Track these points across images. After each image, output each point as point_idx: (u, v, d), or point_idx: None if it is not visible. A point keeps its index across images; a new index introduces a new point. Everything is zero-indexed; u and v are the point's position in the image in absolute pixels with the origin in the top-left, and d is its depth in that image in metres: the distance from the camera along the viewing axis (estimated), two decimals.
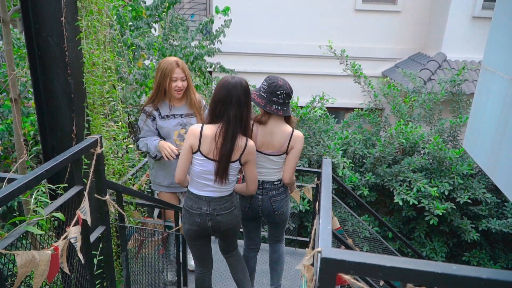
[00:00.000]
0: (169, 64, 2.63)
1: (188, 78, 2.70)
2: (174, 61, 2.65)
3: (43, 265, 1.34)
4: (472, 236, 4.51)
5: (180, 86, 2.67)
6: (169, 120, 2.77)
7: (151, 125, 2.77)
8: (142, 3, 5.54)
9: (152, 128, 2.77)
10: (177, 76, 2.65)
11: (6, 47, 2.69)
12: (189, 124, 2.73)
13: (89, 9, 2.34)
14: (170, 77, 2.64)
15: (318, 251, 0.88)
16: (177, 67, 2.64)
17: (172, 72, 2.63)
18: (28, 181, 1.38)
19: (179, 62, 2.66)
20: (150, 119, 2.76)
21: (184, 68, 2.67)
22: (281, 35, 8.03)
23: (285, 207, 2.65)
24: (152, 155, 2.76)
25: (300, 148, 2.48)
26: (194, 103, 2.79)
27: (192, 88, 2.78)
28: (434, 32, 7.73)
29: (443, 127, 5.33)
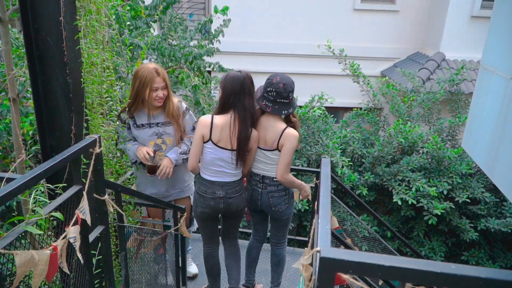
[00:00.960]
0: (148, 72, 2.48)
1: (168, 86, 2.58)
2: (154, 68, 2.50)
3: (42, 264, 1.34)
4: (471, 236, 4.51)
5: (161, 95, 2.54)
6: (144, 129, 2.68)
7: (127, 133, 2.71)
8: (140, 3, 5.53)
9: (129, 136, 2.73)
10: (158, 85, 2.51)
11: (5, 46, 2.69)
12: (166, 134, 2.68)
13: (88, 9, 2.34)
14: (150, 86, 2.49)
15: (317, 251, 0.88)
16: (158, 76, 2.49)
17: (152, 82, 2.49)
18: (27, 180, 1.38)
19: (159, 70, 2.51)
20: (126, 127, 2.70)
21: (165, 76, 2.54)
22: (279, 35, 8.03)
23: (284, 205, 2.66)
24: (132, 160, 2.72)
25: (291, 146, 2.46)
26: (171, 111, 2.64)
27: (170, 95, 2.65)
28: (433, 32, 7.73)
29: (442, 127, 5.33)
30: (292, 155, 2.51)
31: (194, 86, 5.12)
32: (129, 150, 2.64)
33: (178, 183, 2.90)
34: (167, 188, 2.87)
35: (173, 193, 2.91)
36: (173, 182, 2.85)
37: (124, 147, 2.67)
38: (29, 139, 4.26)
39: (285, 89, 2.40)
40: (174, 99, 2.67)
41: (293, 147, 2.48)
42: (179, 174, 2.87)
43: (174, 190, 2.90)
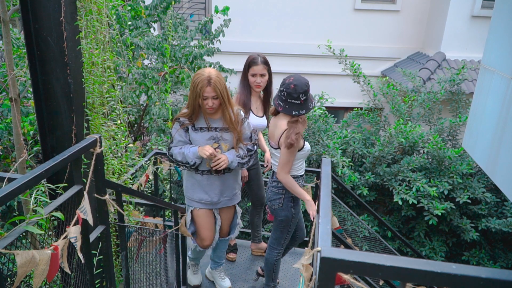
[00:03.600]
0: (200, 81, 2.42)
1: (222, 95, 2.46)
2: (206, 78, 2.42)
3: (42, 264, 1.34)
4: (471, 236, 4.51)
5: (211, 105, 2.47)
6: (202, 132, 2.61)
7: (184, 135, 2.63)
8: (141, 3, 5.54)
9: (185, 138, 2.63)
10: (208, 95, 2.45)
11: (6, 46, 2.69)
12: (223, 140, 2.64)
13: (89, 9, 2.34)
14: (201, 96, 2.45)
15: (318, 251, 0.88)
16: (208, 85, 2.42)
17: (202, 91, 2.44)
18: (28, 180, 1.38)
19: (211, 79, 2.42)
20: (183, 129, 2.62)
21: (216, 85, 2.42)
22: (280, 35, 8.03)
23: (278, 204, 2.69)
24: (191, 162, 2.59)
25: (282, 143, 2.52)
26: (229, 119, 2.57)
27: (228, 103, 2.53)
28: (434, 31, 7.73)
29: (443, 127, 5.33)
30: (289, 155, 2.50)
31: None
32: (188, 152, 2.57)
33: (228, 190, 2.80)
34: (218, 195, 2.77)
35: (222, 201, 2.82)
36: (223, 188, 2.77)
37: (179, 151, 2.60)
38: (30, 139, 4.26)
39: (295, 90, 2.44)
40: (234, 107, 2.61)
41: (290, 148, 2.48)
42: (230, 180, 2.79)
43: (223, 198, 2.81)
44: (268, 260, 2.90)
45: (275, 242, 2.84)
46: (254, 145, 2.73)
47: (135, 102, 5.15)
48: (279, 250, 2.85)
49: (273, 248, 2.86)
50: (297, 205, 2.75)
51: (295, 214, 2.75)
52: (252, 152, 2.70)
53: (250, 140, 2.71)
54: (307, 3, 7.85)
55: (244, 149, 2.67)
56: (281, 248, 2.85)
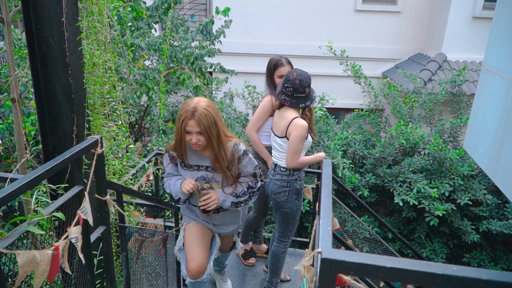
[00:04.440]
0: (184, 112, 2.08)
1: (208, 130, 2.08)
2: (191, 109, 2.06)
3: (43, 264, 1.34)
4: (472, 238, 4.50)
5: (195, 141, 2.11)
6: (192, 171, 2.29)
7: (174, 168, 2.36)
8: (142, 4, 5.55)
9: (174, 171, 2.37)
10: (191, 129, 2.09)
11: (8, 47, 2.70)
12: (215, 181, 2.29)
13: (90, 10, 2.35)
14: (183, 128, 2.12)
15: (318, 252, 0.88)
16: (192, 118, 2.05)
17: (185, 124, 2.09)
18: (29, 181, 1.38)
19: (196, 112, 2.05)
20: (173, 163, 2.35)
21: (201, 119, 2.05)
22: (281, 36, 8.04)
23: (283, 197, 2.75)
24: (175, 197, 2.31)
25: (298, 134, 2.56)
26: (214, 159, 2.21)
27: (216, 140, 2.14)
28: (435, 33, 7.73)
29: (444, 128, 5.32)
30: (299, 143, 2.58)
31: (196, 87, 5.13)
32: (174, 185, 2.28)
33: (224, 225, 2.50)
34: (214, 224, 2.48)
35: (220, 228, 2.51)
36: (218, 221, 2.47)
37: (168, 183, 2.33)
38: (31, 139, 4.27)
39: (301, 84, 2.54)
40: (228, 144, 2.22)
41: (299, 136, 2.56)
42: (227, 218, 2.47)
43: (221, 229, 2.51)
44: (275, 253, 2.95)
45: (282, 235, 2.90)
46: (258, 182, 2.37)
47: (136, 103, 5.15)
48: (286, 242, 2.92)
49: (280, 241, 2.92)
50: (300, 197, 2.81)
51: (299, 206, 2.82)
52: (254, 189, 2.35)
53: (254, 177, 2.35)
54: (308, 4, 7.86)
55: (244, 186, 2.32)
56: (288, 241, 2.92)
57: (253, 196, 2.36)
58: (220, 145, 2.18)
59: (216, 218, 2.42)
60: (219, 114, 2.17)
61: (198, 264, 2.32)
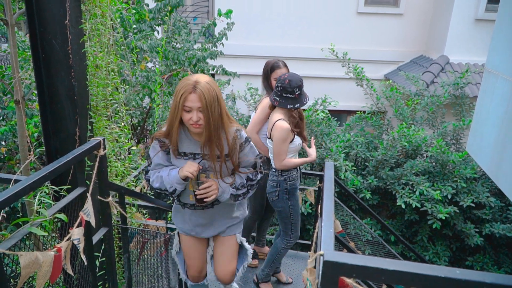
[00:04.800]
0: (183, 85, 1.83)
1: (209, 107, 1.83)
2: (194, 82, 1.82)
3: (46, 266, 1.35)
4: (475, 241, 4.48)
5: (195, 120, 1.84)
6: (185, 159, 2.02)
7: (165, 158, 2.06)
8: (145, 6, 5.57)
9: (166, 161, 2.07)
10: (192, 105, 1.82)
11: (11, 49, 2.71)
12: (211, 171, 2.01)
13: (93, 12, 2.36)
14: (182, 106, 1.84)
15: (321, 254, 0.88)
16: (193, 92, 1.81)
17: (184, 100, 1.82)
18: (32, 182, 1.39)
19: (198, 85, 1.82)
20: (163, 151, 2.04)
21: (204, 93, 1.81)
22: (283, 38, 8.05)
23: (274, 196, 2.83)
24: (170, 189, 1.99)
25: (278, 137, 2.60)
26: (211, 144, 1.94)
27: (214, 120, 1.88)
28: (437, 35, 7.72)
29: (446, 130, 5.31)
30: (281, 145, 2.62)
31: None
32: (168, 175, 1.99)
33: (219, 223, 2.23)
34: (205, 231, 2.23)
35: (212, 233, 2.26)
36: (211, 223, 2.21)
37: (158, 175, 2.03)
38: (34, 141, 4.28)
39: (290, 84, 2.56)
40: (230, 129, 1.98)
41: (279, 138, 2.60)
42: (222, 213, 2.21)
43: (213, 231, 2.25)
44: (275, 245, 3.03)
45: (284, 234, 2.97)
46: (258, 174, 2.13)
47: (139, 105, 5.16)
48: (288, 240, 2.96)
49: (283, 238, 2.98)
50: (293, 196, 2.85)
51: (292, 205, 2.86)
52: (253, 182, 2.11)
53: (254, 168, 2.12)
54: (310, 7, 7.87)
55: (243, 177, 2.09)
56: (289, 239, 2.96)
57: (251, 190, 2.12)
58: (221, 127, 1.94)
59: (207, 214, 2.16)
60: (221, 93, 1.94)
61: (197, 270, 2.31)
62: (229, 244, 2.28)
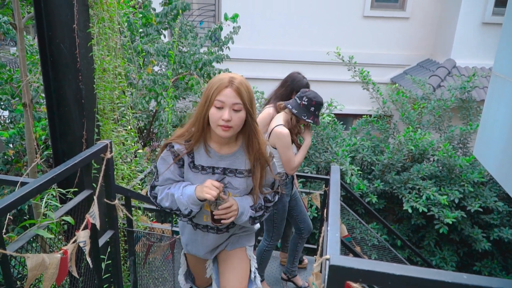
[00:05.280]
0: (218, 80, 1.58)
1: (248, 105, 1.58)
2: (230, 77, 1.58)
3: (52, 268, 1.35)
4: (483, 246, 4.44)
5: (227, 117, 1.54)
6: (203, 174, 1.71)
7: (177, 172, 1.74)
8: (152, 10, 5.60)
9: (176, 177, 1.74)
10: (225, 100, 1.54)
11: (20, 53, 2.74)
12: (231, 187, 1.73)
13: (101, 17, 2.38)
14: (214, 100, 1.56)
15: (327, 259, 0.87)
16: (230, 86, 1.55)
17: (218, 92, 1.55)
18: (39, 185, 1.40)
19: (235, 80, 1.57)
20: (177, 164, 1.72)
21: (241, 89, 1.56)
22: (289, 42, 8.06)
23: None
24: (185, 211, 1.68)
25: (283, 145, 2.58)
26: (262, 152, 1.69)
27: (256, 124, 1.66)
28: (444, 39, 7.69)
29: (453, 134, 5.28)
30: (287, 150, 2.60)
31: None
32: (181, 194, 1.66)
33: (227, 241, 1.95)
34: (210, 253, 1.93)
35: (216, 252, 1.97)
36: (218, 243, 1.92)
37: (167, 193, 1.71)
38: (41, 143, 4.31)
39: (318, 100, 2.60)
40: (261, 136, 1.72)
41: (284, 146, 2.59)
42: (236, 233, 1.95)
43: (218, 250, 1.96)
44: (258, 248, 3.06)
45: (265, 235, 3.01)
46: (276, 196, 1.86)
47: (145, 108, 5.19)
48: (268, 242, 2.98)
49: (264, 239, 3.02)
50: (279, 202, 2.83)
51: (276, 210, 2.84)
52: (270, 204, 1.83)
53: (272, 187, 1.85)
54: (316, 10, 7.88)
55: (261, 198, 1.81)
56: (270, 241, 2.98)
57: (267, 212, 1.84)
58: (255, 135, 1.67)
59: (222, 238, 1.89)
60: None
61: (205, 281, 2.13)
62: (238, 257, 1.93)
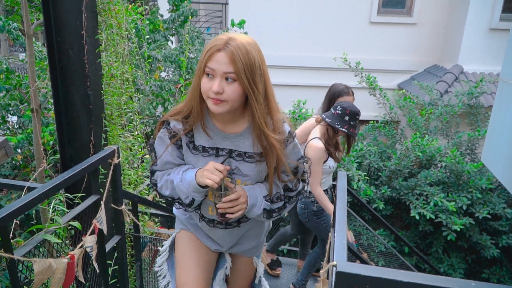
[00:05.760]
0: (213, 41, 1.29)
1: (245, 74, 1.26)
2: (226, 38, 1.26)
3: (59, 273, 1.36)
4: (492, 253, 4.40)
5: (216, 89, 1.26)
6: (205, 156, 1.45)
7: (176, 154, 1.49)
8: (159, 17, 5.65)
9: (176, 159, 1.50)
10: (216, 67, 1.25)
11: (29, 59, 2.77)
12: (240, 173, 1.45)
13: (109, 23, 2.40)
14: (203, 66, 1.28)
15: (333, 265, 0.87)
16: (223, 50, 1.24)
17: (208, 58, 1.27)
18: (47, 190, 1.41)
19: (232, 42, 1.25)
20: (175, 144, 1.47)
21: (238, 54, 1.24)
22: (296, 47, 8.07)
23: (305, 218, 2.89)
24: (186, 200, 1.44)
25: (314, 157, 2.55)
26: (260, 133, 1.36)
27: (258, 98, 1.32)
28: (451, 44, 7.66)
29: (461, 140, 5.24)
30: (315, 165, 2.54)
31: None
32: (182, 179, 1.41)
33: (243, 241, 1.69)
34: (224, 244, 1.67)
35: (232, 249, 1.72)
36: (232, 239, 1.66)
37: (167, 179, 1.48)
38: (49, 149, 4.34)
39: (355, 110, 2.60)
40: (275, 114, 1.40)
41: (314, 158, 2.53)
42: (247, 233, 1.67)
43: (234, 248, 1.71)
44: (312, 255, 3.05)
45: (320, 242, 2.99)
46: (299, 184, 1.55)
47: (152, 114, 5.21)
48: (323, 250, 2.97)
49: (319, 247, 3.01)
50: (322, 215, 2.81)
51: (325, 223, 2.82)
52: (292, 193, 1.54)
53: (295, 175, 1.54)
54: (323, 16, 7.89)
55: (279, 186, 1.52)
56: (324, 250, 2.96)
57: (289, 204, 1.55)
58: (269, 112, 1.37)
59: (232, 234, 1.61)
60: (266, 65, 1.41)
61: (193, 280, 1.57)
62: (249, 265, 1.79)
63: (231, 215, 1.41)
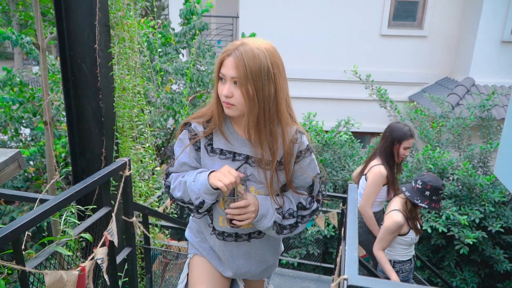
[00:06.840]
0: (227, 46, 1.33)
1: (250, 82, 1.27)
2: (239, 43, 1.31)
3: (70, 285, 1.36)
4: (505, 267, 4.31)
5: (226, 93, 1.30)
6: (221, 159, 1.44)
7: (193, 156, 1.48)
8: (171, 30, 5.73)
9: (193, 161, 1.48)
10: (225, 72, 1.30)
11: (42, 72, 2.82)
12: (254, 180, 1.43)
13: (122, 37, 2.44)
14: (217, 71, 1.35)
15: (345, 279, 0.86)
16: (231, 55, 1.28)
17: (220, 63, 1.33)
18: (59, 202, 1.42)
19: (241, 48, 1.28)
20: (194, 145, 1.46)
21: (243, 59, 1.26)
22: (306, 60, 8.11)
23: None
24: (196, 201, 1.40)
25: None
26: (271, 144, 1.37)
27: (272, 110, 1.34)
28: (462, 57, 7.63)
29: (473, 153, 5.18)
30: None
31: None
32: (194, 181, 1.40)
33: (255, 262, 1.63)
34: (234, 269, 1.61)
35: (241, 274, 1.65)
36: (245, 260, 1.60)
37: (180, 181, 1.47)
38: (61, 161, 4.39)
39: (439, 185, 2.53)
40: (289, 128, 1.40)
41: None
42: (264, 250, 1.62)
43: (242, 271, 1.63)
44: None
45: None
46: (314, 202, 1.50)
47: (163, 126, 5.26)
48: None
49: None
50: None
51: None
52: (305, 212, 1.49)
53: (310, 192, 1.51)
54: (333, 29, 7.93)
55: (293, 202, 1.48)
56: None
57: (301, 224, 1.49)
58: (276, 121, 1.36)
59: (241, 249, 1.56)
60: (284, 71, 1.40)
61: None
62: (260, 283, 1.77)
63: (237, 222, 1.39)
